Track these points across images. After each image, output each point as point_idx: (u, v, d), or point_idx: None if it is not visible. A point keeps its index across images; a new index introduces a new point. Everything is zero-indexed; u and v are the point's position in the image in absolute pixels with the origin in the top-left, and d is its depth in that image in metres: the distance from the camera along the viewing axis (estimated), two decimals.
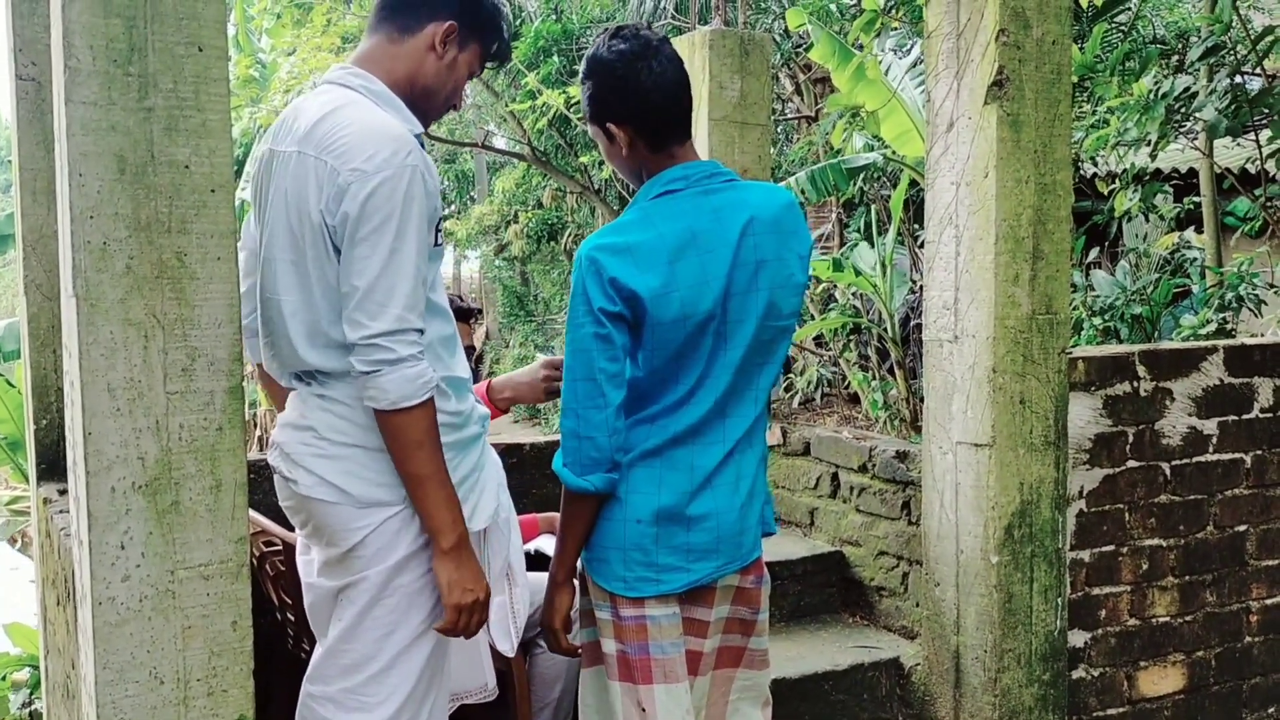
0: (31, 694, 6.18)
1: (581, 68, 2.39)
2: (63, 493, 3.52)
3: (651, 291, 2.18)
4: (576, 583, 2.43)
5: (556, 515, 3.62)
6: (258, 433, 13.70)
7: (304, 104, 2.26)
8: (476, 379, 3.36)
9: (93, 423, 2.03)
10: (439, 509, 2.15)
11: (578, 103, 10.01)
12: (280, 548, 2.82)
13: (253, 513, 2.61)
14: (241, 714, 2.19)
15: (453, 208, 21.63)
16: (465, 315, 3.47)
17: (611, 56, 2.29)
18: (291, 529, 2.59)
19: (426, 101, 2.33)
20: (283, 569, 2.85)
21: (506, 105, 11.87)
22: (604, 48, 2.31)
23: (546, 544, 3.49)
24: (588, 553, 2.36)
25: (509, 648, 2.59)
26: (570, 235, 15.20)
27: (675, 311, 2.20)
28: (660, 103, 2.26)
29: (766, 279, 2.28)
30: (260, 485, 3.31)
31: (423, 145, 2.23)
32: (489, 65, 2.49)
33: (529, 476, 3.83)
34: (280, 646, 3.04)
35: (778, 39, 9.68)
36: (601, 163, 11.93)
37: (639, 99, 2.26)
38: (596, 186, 12.96)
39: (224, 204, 2.12)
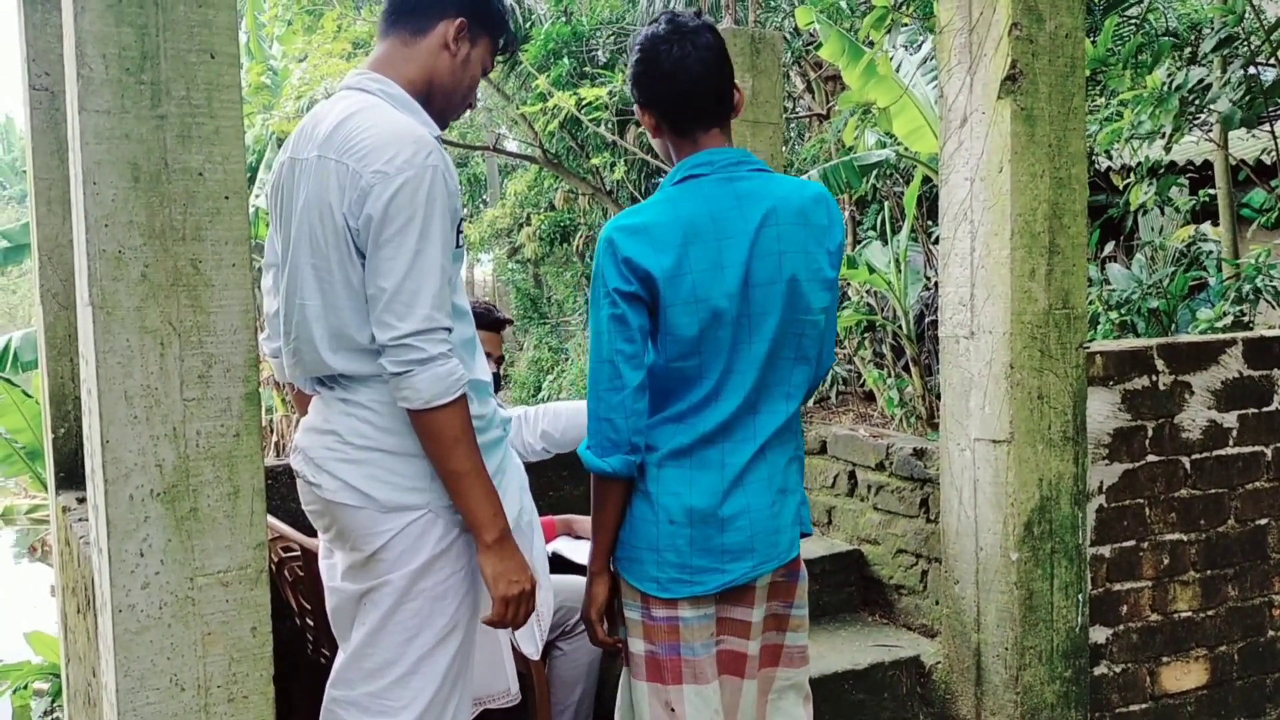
0: (53, 702, 6.21)
1: None
2: (81, 501, 3.53)
3: (664, 271, 2.17)
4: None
5: (574, 517, 3.65)
6: (274, 439, 13.74)
7: (323, 110, 2.27)
8: (499, 387, 3.37)
9: (110, 430, 2.04)
10: (480, 504, 2.15)
11: (589, 104, 10.05)
12: (299, 553, 2.83)
13: (270, 518, 2.61)
14: (262, 719, 2.19)
15: (465, 211, 21.61)
16: (498, 325, 3.46)
17: (641, 40, 2.30)
18: (311, 534, 2.60)
19: (445, 100, 2.34)
20: (301, 574, 2.86)
21: (518, 108, 11.89)
22: (642, 32, 2.32)
23: (564, 546, 3.48)
24: (620, 551, 2.35)
25: (534, 650, 2.59)
26: (582, 237, 15.20)
27: (687, 294, 2.19)
28: (680, 87, 2.25)
29: (790, 270, 2.25)
30: (277, 491, 3.32)
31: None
32: (499, 58, 2.49)
33: (546, 479, 3.83)
34: (300, 652, 3.04)
35: (788, 37, 9.67)
36: (613, 164, 11.93)
37: (659, 82, 2.27)
38: (609, 188, 12.96)
39: (238, 211, 2.12)
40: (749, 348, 2.25)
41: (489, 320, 3.44)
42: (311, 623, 2.93)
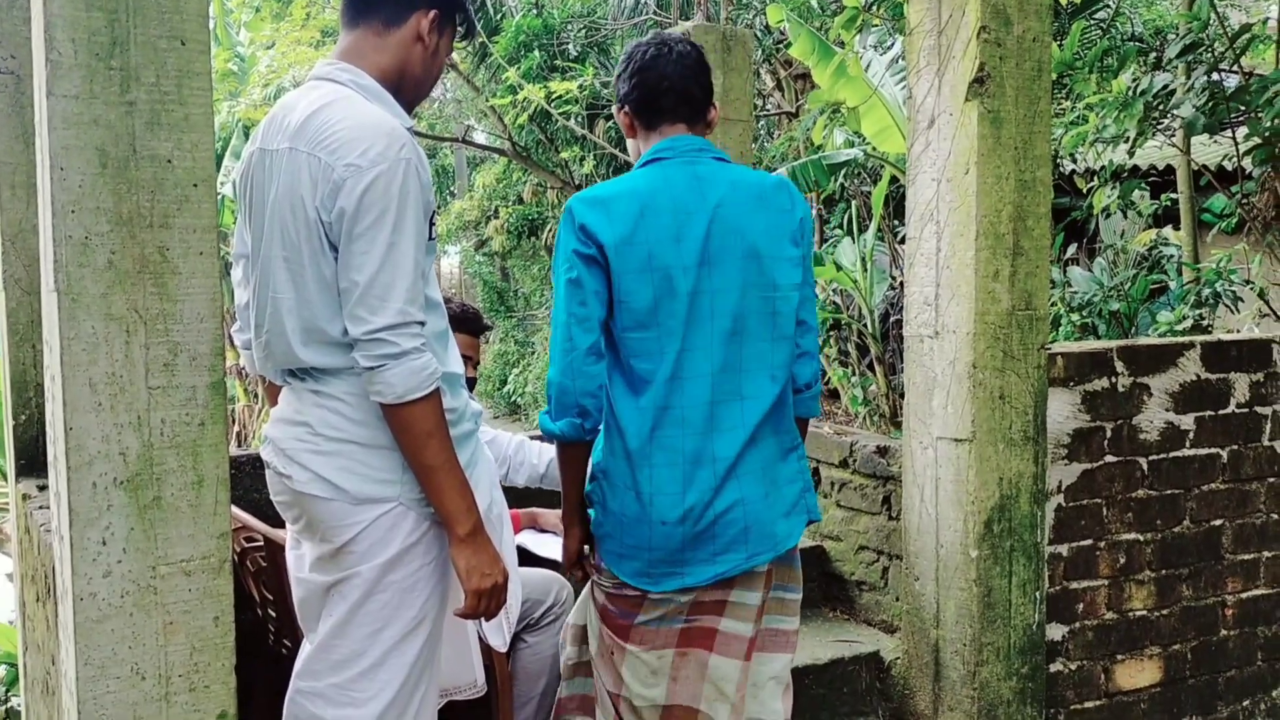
0: (8, 691, 6.15)
1: None
2: (42, 488, 3.50)
3: (616, 239, 2.27)
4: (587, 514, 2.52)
5: (539, 510, 3.66)
6: (235, 428, 13.64)
7: (293, 100, 2.25)
8: (471, 390, 3.37)
9: (74, 418, 2.02)
10: (453, 497, 2.15)
11: (558, 98, 10.03)
12: (262, 543, 2.82)
13: (234, 509, 2.60)
14: (223, 710, 2.19)
15: (435, 206, 21.50)
16: (480, 330, 3.47)
17: (628, 49, 2.49)
18: (274, 524, 2.59)
19: (415, 91, 2.34)
20: (264, 564, 2.85)
21: (487, 100, 11.86)
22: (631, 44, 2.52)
23: (529, 539, 3.49)
24: (610, 546, 2.41)
25: (501, 643, 2.60)
26: (551, 231, 15.18)
27: (641, 262, 2.28)
28: (650, 80, 2.41)
29: (750, 245, 2.33)
30: (241, 481, 3.31)
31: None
32: (463, 46, 2.51)
33: None
34: (261, 643, 3.03)
35: (759, 35, 9.70)
36: (582, 158, 11.92)
37: (633, 77, 2.43)
38: (578, 182, 12.95)
39: (206, 198, 2.11)
40: (709, 324, 2.31)
41: (473, 324, 3.44)
42: (273, 613, 2.92)
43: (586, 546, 2.57)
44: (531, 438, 3.43)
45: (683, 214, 2.30)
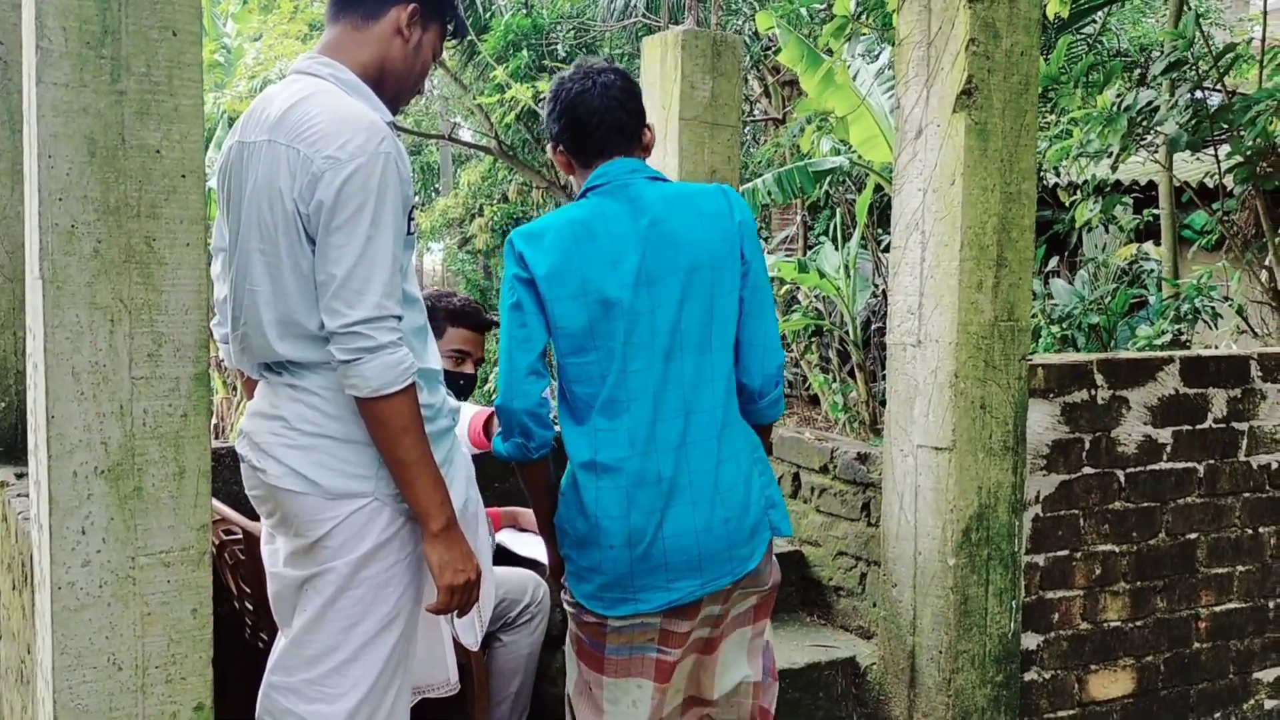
0: None
1: None
2: (21, 476, 3.48)
3: (548, 269, 2.31)
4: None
5: (519, 510, 3.65)
6: (214, 421, 13.57)
7: (272, 93, 2.25)
8: (473, 388, 3.35)
9: (56, 406, 2.02)
10: (427, 493, 2.15)
11: (545, 97, 10.02)
12: (240, 536, 2.81)
13: (214, 501, 2.59)
14: (199, 702, 2.18)
15: (417, 199, 21.48)
16: (485, 326, 3.41)
17: (553, 84, 2.48)
18: (253, 517, 2.58)
19: (397, 86, 2.34)
20: (242, 558, 2.84)
21: (474, 98, 11.84)
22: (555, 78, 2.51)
23: (509, 538, 3.49)
24: (569, 567, 2.43)
25: (473, 641, 2.60)
26: None
27: (575, 287, 2.31)
28: (579, 116, 2.40)
29: (689, 260, 2.34)
30: (220, 473, 3.30)
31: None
32: (450, 44, 2.50)
33: (491, 470, 3.83)
34: (238, 635, 3.02)
35: (747, 41, 9.72)
36: None
37: (561, 116, 2.43)
38: (562, 182, 12.94)
39: (194, 189, 2.11)
40: (649, 343, 2.33)
41: (473, 319, 3.38)
42: (250, 606, 2.91)
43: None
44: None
45: (617, 239, 2.33)
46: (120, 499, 2.08)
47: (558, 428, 2.47)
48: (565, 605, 2.49)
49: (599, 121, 2.39)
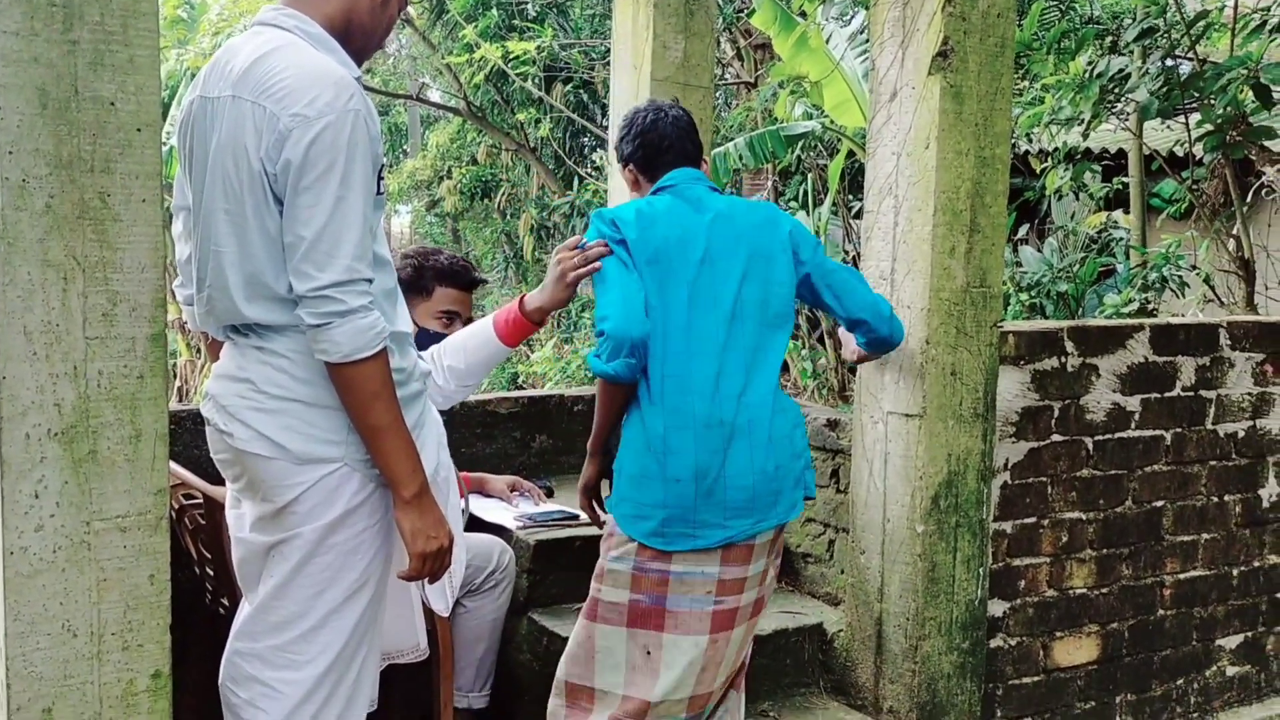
0: None
1: None
2: None
3: (636, 238, 2.63)
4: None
5: (486, 476, 3.64)
6: (177, 384, 13.43)
7: (236, 45, 2.18)
8: None
9: (7, 366, 1.96)
10: (399, 459, 2.11)
11: (516, 58, 9.91)
12: (200, 501, 2.76)
13: (173, 465, 2.54)
14: (157, 669, 2.14)
15: (385, 160, 21.27)
16: (474, 284, 3.34)
17: (626, 114, 2.88)
18: (215, 482, 2.54)
19: (363, 40, 2.27)
20: (203, 522, 2.79)
21: (443, 58, 11.70)
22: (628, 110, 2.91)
23: (475, 504, 3.46)
24: (625, 509, 2.62)
25: (444, 607, 2.57)
26: (504, 193, 15.04)
27: (649, 255, 2.61)
28: (650, 140, 2.79)
29: (748, 249, 2.68)
30: (181, 437, 3.24)
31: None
32: None
33: (459, 435, 3.79)
34: (198, 602, 2.98)
35: (720, 2, 9.64)
36: (538, 120, 11.80)
37: (634, 139, 2.81)
38: (533, 145, 12.83)
39: (150, 144, 2.04)
40: (713, 308, 2.63)
41: (462, 278, 3.30)
42: (211, 572, 2.87)
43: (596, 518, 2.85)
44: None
45: (685, 224, 2.67)
46: (74, 462, 2.02)
47: None
48: (617, 578, 2.61)
49: (668, 145, 2.78)
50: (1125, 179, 6.84)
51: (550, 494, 3.68)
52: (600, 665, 2.65)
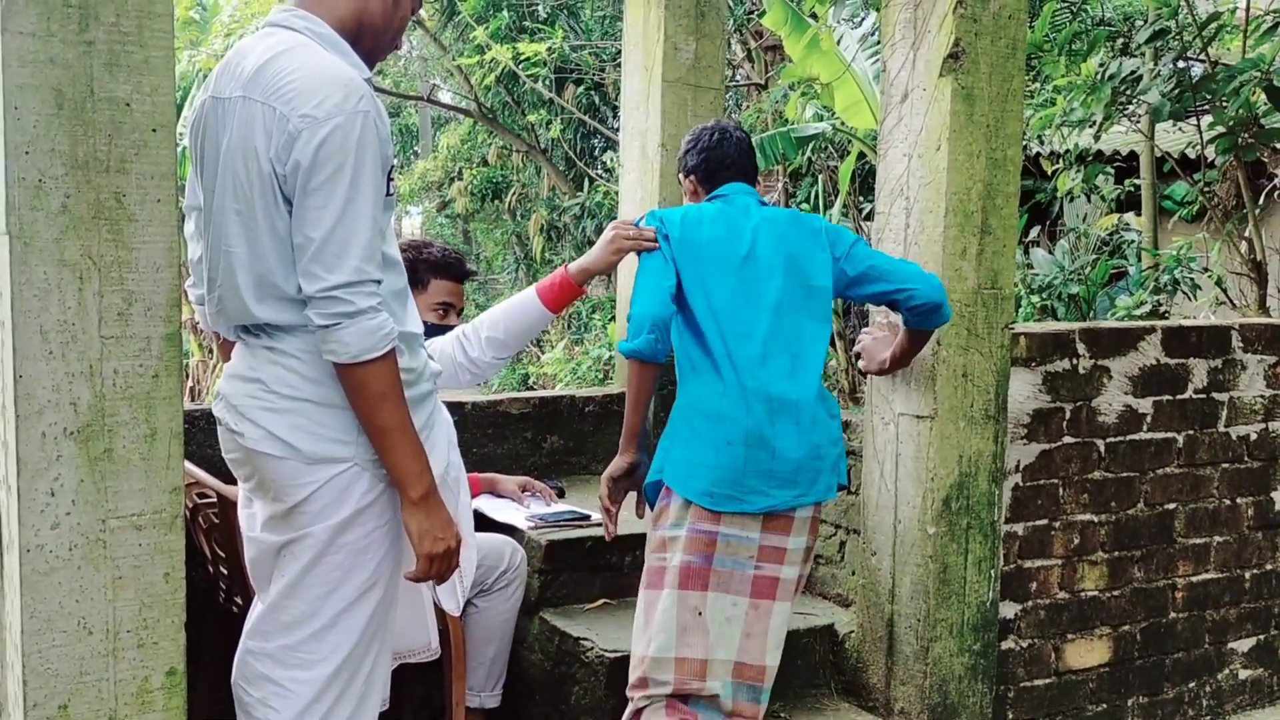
0: None
1: None
2: None
3: (679, 234, 2.84)
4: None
5: (497, 476, 3.64)
6: (189, 384, 13.46)
7: (246, 47, 2.19)
8: None
9: (24, 365, 1.97)
10: (406, 460, 2.12)
11: (527, 60, 9.91)
12: (215, 499, 2.78)
13: (188, 464, 2.56)
14: (172, 666, 2.15)
15: (396, 161, 21.30)
16: (465, 276, 3.38)
17: (692, 132, 3.10)
18: (229, 481, 2.55)
19: (374, 41, 2.28)
20: (217, 521, 2.81)
21: (454, 59, 11.72)
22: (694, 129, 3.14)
23: (486, 504, 3.47)
24: (678, 470, 2.76)
25: (455, 607, 2.58)
26: (515, 194, 15.05)
27: (695, 250, 2.83)
28: (713, 156, 3.00)
29: (789, 252, 2.87)
30: (195, 436, 3.25)
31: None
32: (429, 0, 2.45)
33: (470, 435, 3.80)
34: (212, 600, 2.99)
35: (731, 4, 9.64)
36: (549, 122, 11.81)
37: (699, 154, 3.02)
38: (543, 146, 12.86)
39: (165, 144, 2.05)
40: (758, 299, 2.81)
41: (455, 269, 3.35)
42: (225, 571, 2.88)
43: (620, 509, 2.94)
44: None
45: (731, 224, 2.88)
46: (90, 460, 2.04)
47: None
48: (670, 540, 2.74)
49: (730, 163, 3.00)
50: (1137, 181, 6.82)
51: (561, 494, 3.69)
52: (711, 630, 2.75)
